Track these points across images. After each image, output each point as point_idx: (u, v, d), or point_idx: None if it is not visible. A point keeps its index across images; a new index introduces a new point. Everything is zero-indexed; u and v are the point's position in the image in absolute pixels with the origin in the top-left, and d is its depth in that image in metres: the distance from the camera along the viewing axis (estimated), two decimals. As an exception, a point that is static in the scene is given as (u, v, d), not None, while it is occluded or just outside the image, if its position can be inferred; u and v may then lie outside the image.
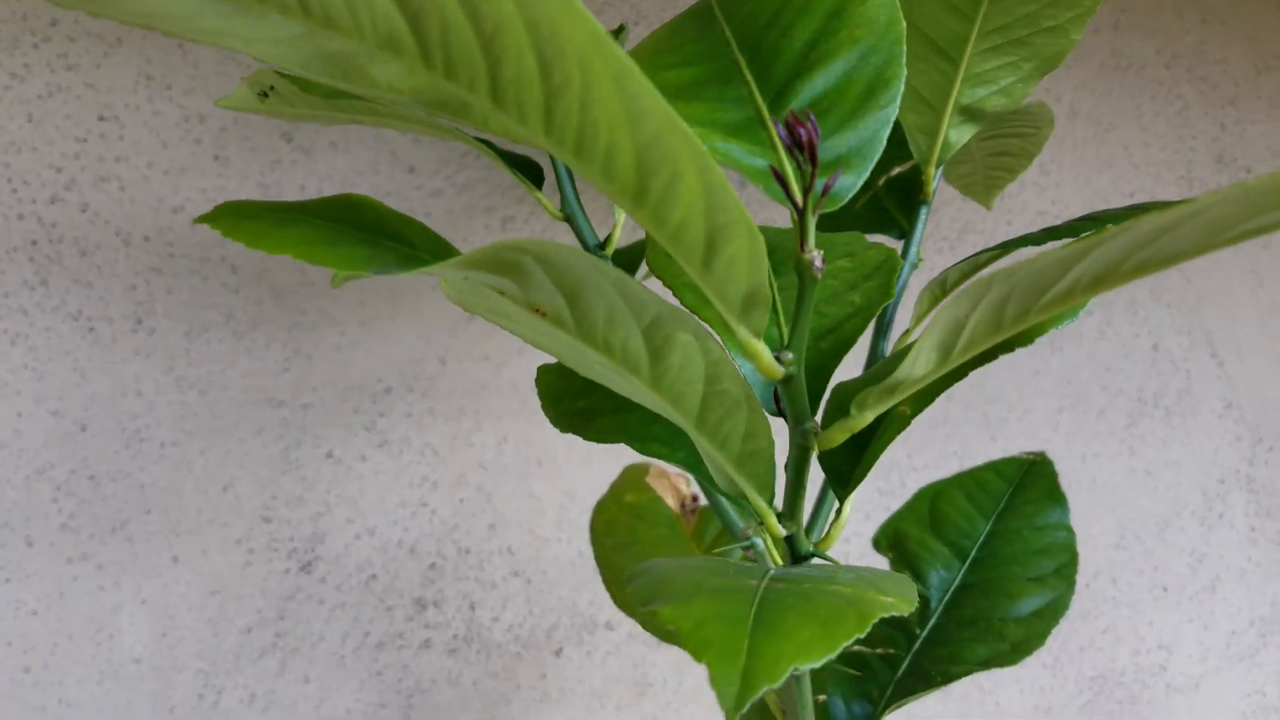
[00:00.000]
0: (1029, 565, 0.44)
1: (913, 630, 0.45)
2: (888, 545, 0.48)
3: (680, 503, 0.52)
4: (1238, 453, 1.01)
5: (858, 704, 0.44)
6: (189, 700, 0.59)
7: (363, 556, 0.64)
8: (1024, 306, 0.20)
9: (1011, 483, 0.48)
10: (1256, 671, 1.01)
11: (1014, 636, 0.42)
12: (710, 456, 0.26)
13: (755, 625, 0.20)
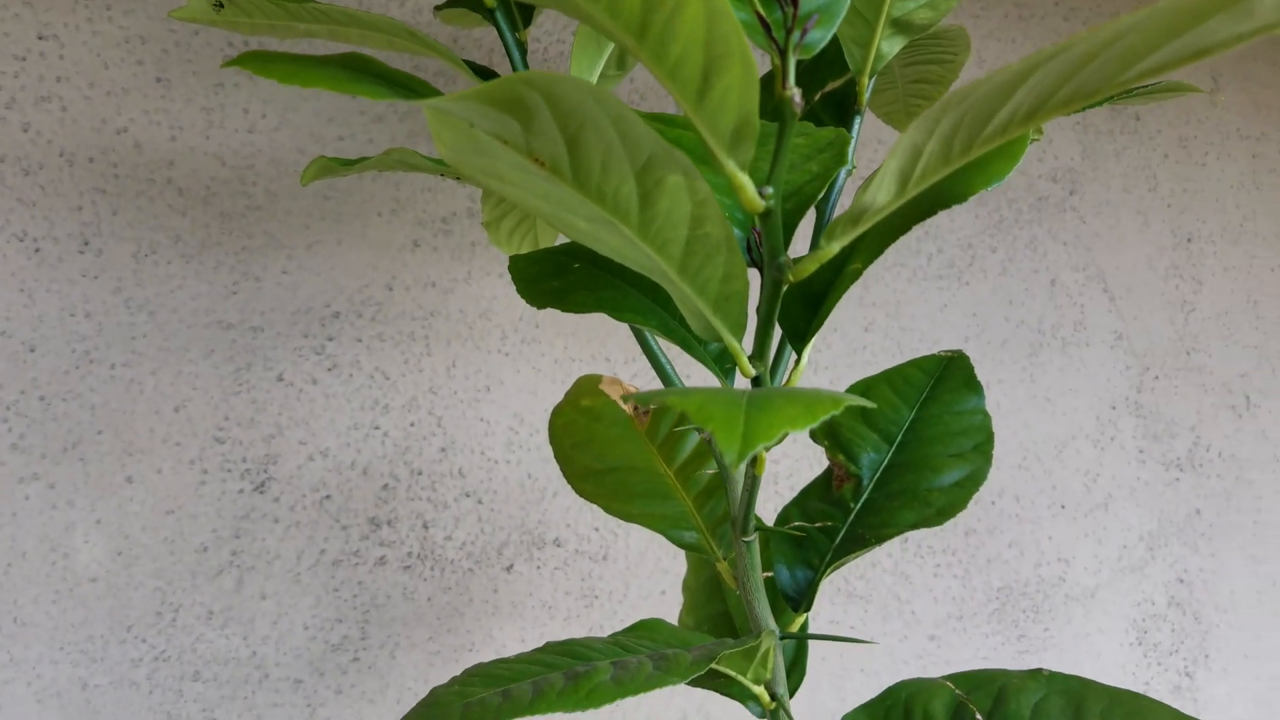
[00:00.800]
0: (950, 444, 0.49)
1: (848, 505, 0.49)
2: (823, 434, 0.52)
3: (633, 407, 0.55)
4: (1127, 381, 1.09)
5: (800, 570, 0.48)
6: (147, 618, 0.60)
7: (316, 477, 0.66)
8: (970, 137, 0.23)
9: (932, 376, 0.53)
10: (1146, 582, 1.09)
11: (939, 503, 0.46)
12: (689, 302, 0.29)
13: (749, 406, 0.23)
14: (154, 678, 0.60)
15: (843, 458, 0.50)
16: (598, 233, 0.28)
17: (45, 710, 0.58)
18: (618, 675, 0.36)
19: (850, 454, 0.50)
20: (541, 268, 0.38)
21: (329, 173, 0.41)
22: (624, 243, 0.28)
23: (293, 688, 0.65)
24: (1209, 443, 1.15)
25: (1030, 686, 0.46)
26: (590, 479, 0.51)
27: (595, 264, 0.38)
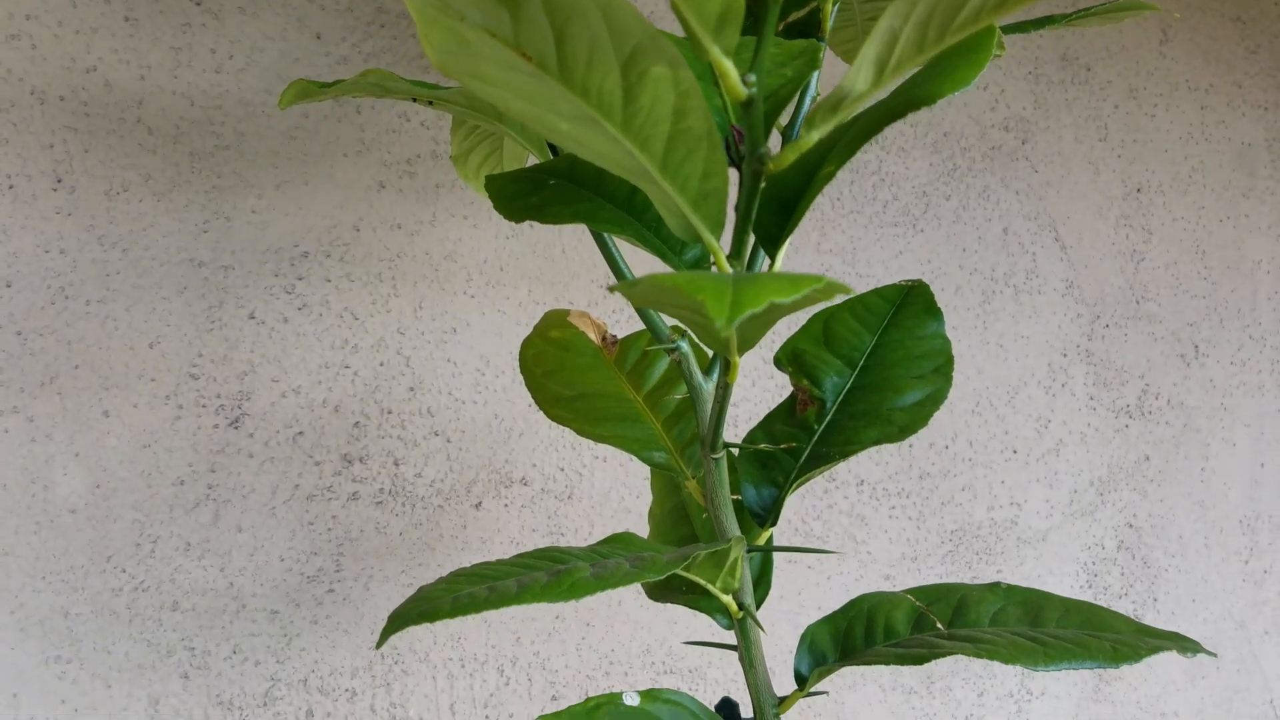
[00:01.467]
0: (911, 367, 0.51)
1: (811, 427, 0.51)
2: (787, 361, 0.54)
3: (601, 337, 0.57)
4: (1078, 328, 1.12)
5: (766, 489, 0.50)
6: (126, 549, 0.61)
7: (289, 414, 0.67)
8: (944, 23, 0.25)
9: (893, 303, 0.55)
10: (1096, 526, 1.14)
11: (900, 421, 0.49)
12: (669, 201, 0.31)
13: (736, 280, 0.25)
14: (134, 607, 0.62)
15: (806, 382, 0.52)
16: (580, 133, 0.30)
17: (28, 638, 0.59)
18: (597, 572, 0.38)
19: (814, 379, 0.52)
20: (519, 186, 0.39)
21: (307, 96, 0.42)
22: (606, 141, 0.30)
23: (269, 618, 0.66)
24: (1158, 390, 1.20)
25: (989, 598, 0.48)
26: (561, 404, 0.52)
27: (571, 179, 0.39)
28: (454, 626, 0.73)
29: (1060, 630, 0.45)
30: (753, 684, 0.48)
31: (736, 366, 0.38)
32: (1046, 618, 0.46)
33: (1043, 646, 0.43)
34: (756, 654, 0.48)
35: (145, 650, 0.62)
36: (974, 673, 1.02)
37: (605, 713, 0.43)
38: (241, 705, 0.65)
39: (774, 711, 0.47)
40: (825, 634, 0.48)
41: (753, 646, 0.47)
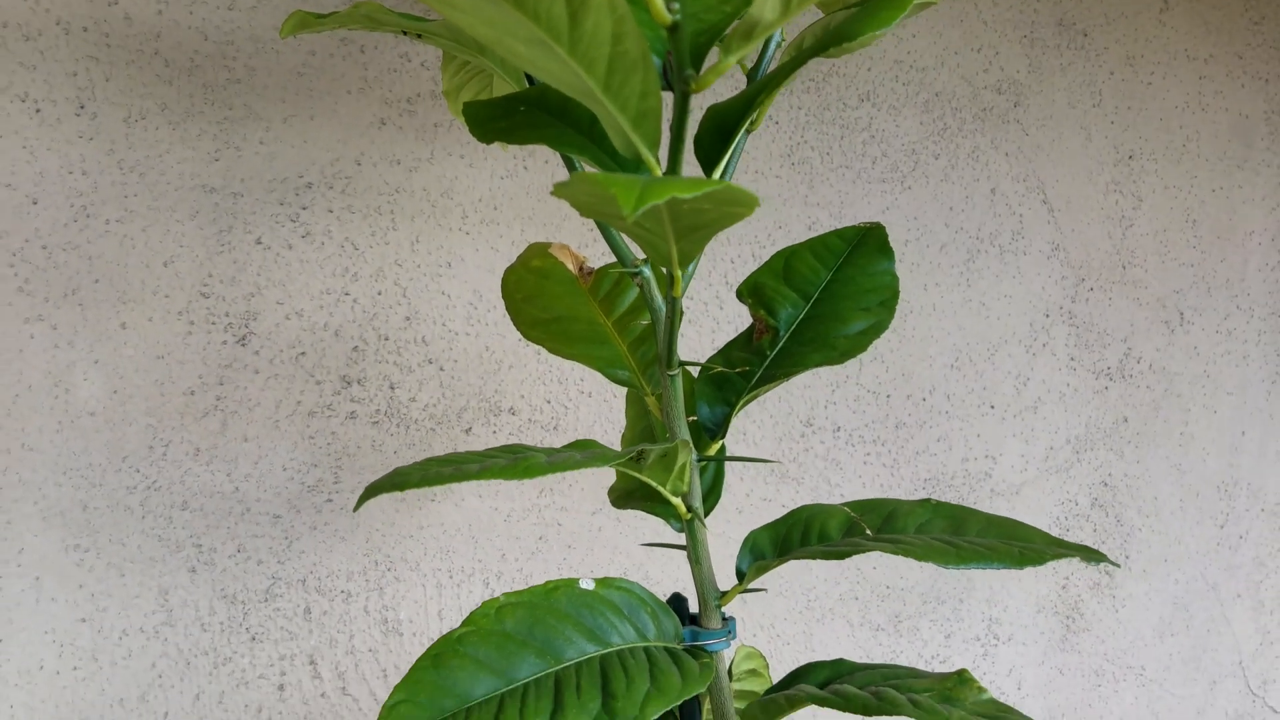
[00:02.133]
0: (859, 300, 0.55)
1: (765, 353, 0.55)
2: (748, 293, 0.58)
3: (578, 267, 0.61)
4: (1062, 290, 1.16)
5: (719, 408, 0.54)
6: (140, 450, 0.67)
7: (292, 335, 0.72)
8: None
9: (850, 243, 0.59)
10: (1070, 483, 1.18)
11: (843, 347, 0.53)
12: (612, 120, 0.35)
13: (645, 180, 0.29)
14: (146, 504, 0.67)
15: (763, 313, 0.57)
16: (534, 55, 0.34)
17: (50, 527, 0.64)
18: (551, 460, 0.43)
19: (770, 310, 0.57)
20: (491, 110, 0.44)
21: (305, 26, 0.46)
22: (557, 64, 0.34)
23: (272, 522, 0.71)
24: (1140, 355, 1.23)
25: (918, 511, 0.53)
26: (537, 326, 0.57)
27: (540, 107, 0.43)
28: (444, 541, 0.79)
29: (977, 539, 0.49)
30: (698, 578, 0.52)
31: (679, 280, 0.43)
32: (968, 528, 0.50)
33: (956, 549, 0.47)
34: (703, 552, 0.52)
35: (156, 544, 0.68)
36: (942, 615, 1.07)
37: (562, 594, 0.48)
38: (244, 600, 0.71)
39: (716, 603, 0.52)
40: (766, 537, 0.53)
41: (699, 545, 0.52)
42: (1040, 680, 1.15)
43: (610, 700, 0.44)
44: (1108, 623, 1.20)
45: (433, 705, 0.43)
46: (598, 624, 0.48)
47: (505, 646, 0.45)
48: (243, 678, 0.71)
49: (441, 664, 0.44)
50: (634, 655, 0.47)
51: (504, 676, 0.45)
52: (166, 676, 0.68)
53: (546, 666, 0.45)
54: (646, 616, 0.50)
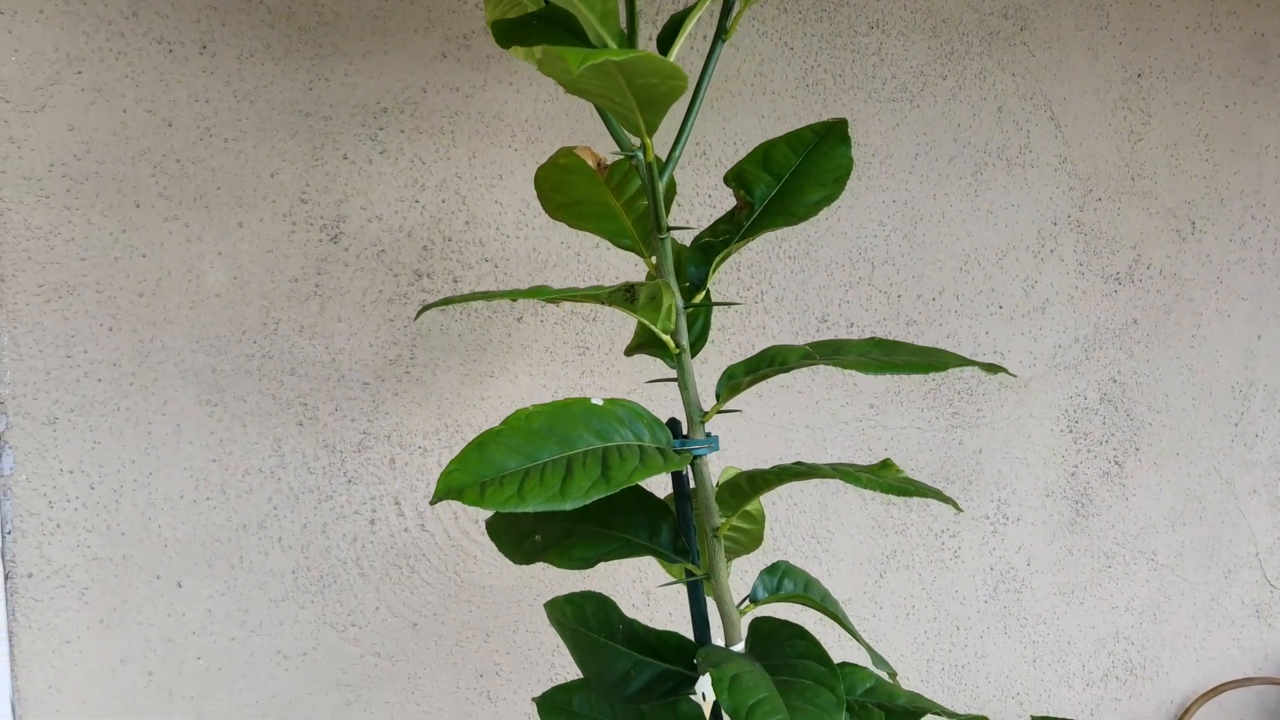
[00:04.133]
0: (820, 178, 0.68)
1: (742, 223, 0.69)
2: (733, 179, 0.71)
3: (597, 164, 0.75)
4: (1070, 200, 1.25)
5: (703, 268, 0.68)
6: (255, 326, 0.83)
7: (374, 235, 0.87)
8: None
9: (819, 135, 0.71)
10: (1079, 379, 1.27)
11: (801, 214, 0.66)
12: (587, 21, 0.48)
13: (592, 50, 0.42)
14: (262, 369, 0.84)
15: (743, 192, 0.70)
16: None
17: (187, 385, 0.82)
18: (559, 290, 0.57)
19: (749, 190, 0.70)
20: (511, 24, 0.58)
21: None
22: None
23: (362, 388, 0.88)
24: (1150, 261, 1.31)
25: (862, 344, 0.66)
26: (560, 208, 0.71)
27: (546, 20, 0.57)
28: (502, 410, 0.94)
29: (900, 358, 0.62)
30: (686, 401, 0.66)
31: (650, 146, 0.56)
32: (898, 353, 0.63)
33: (879, 364, 0.60)
34: (690, 380, 0.66)
35: (270, 402, 0.85)
36: (951, 494, 1.18)
37: (578, 406, 0.63)
38: (341, 450, 0.87)
39: (699, 419, 0.66)
40: (740, 368, 0.66)
41: (687, 374, 0.66)
42: (1049, 559, 1.26)
43: (607, 470, 0.59)
44: (1118, 509, 1.30)
45: (476, 473, 0.58)
46: (604, 427, 0.62)
47: (532, 438, 0.60)
48: (341, 513, 0.88)
49: (484, 448, 0.59)
50: (630, 448, 0.62)
51: (530, 457, 0.59)
52: (280, 509, 0.86)
53: (562, 452, 0.60)
54: (643, 426, 0.64)
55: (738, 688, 0.57)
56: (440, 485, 0.57)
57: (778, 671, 0.60)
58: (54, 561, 0.78)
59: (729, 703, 0.57)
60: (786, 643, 0.62)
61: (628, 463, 0.60)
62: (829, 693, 0.57)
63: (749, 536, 0.80)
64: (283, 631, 0.86)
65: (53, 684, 0.78)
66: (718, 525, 0.67)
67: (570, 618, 0.75)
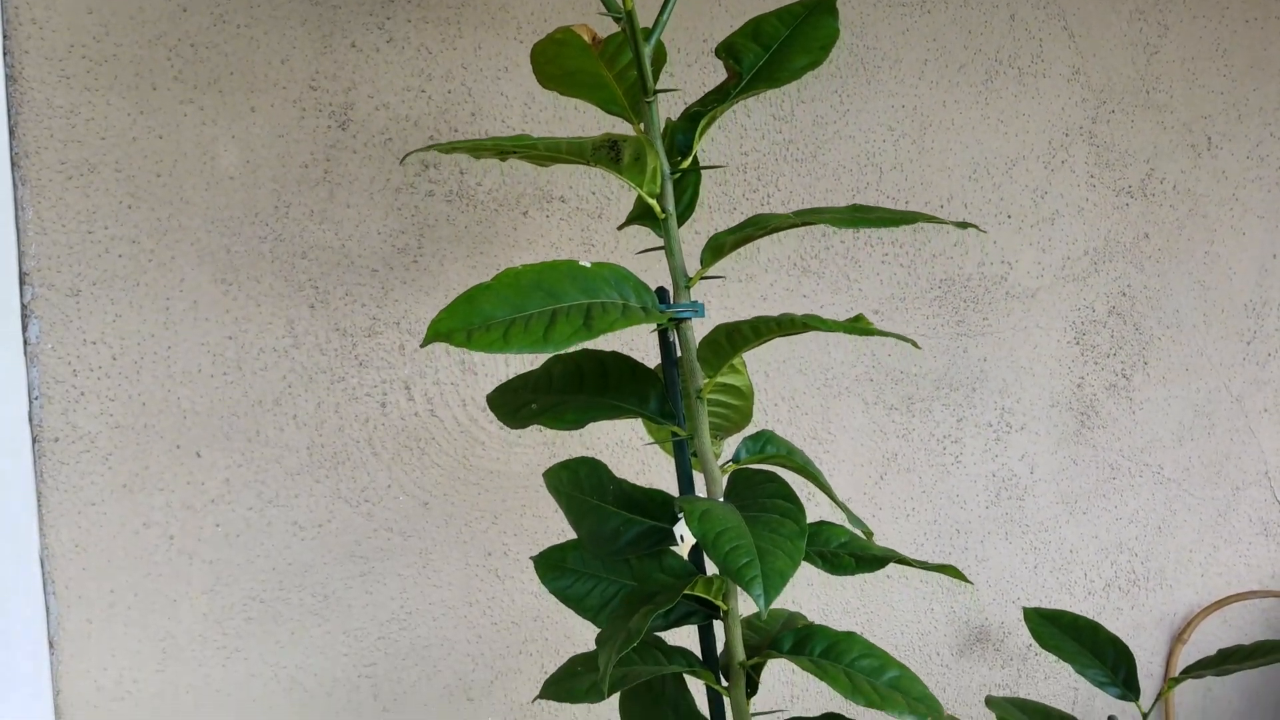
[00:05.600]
0: (805, 46, 0.69)
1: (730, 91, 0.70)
2: (724, 51, 0.73)
3: (591, 38, 0.77)
4: (1083, 112, 1.24)
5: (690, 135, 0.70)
6: (267, 208, 0.87)
7: (381, 124, 0.90)
8: None
9: (809, 9, 0.73)
10: (1088, 291, 1.28)
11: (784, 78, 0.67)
12: None
13: None
14: (275, 251, 0.87)
15: (732, 63, 0.72)
16: None
17: (203, 264, 0.85)
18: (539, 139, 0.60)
19: (738, 60, 0.71)
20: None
21: None
22: None
23: (371, 274, 0.91)
24: (1163, 175, 1.31)
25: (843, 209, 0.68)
26: (553, 79, 0.73)
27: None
28: (507, 301, 0.97)
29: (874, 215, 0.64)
30: (672, 267, 0.69)
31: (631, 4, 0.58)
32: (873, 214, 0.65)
33: (852, 219, 0.62)
34: (676, 246, 0.69)
35: (284, 284, 0.88)
36: (955, 401, 1.20)
37: (566, 266, 0.65)
38: (352, 334, 0.91)
39: (685, 284, 0.68)
40: (726, 234, 0.68)
41: (673, 239, 0.68)
42: (1053, 467, 1.27)
43: (590, 320, 0.61)
44: (1124, 422, 1.31)
45: (465, 320, 0.61)
46: (590, 286, 0.65)
47: (520, 291, 0.63)
48: (353, 394, 0.92)
49: (473, 299, 0.62)
50: (614, 305, 0.64)
51: (517, 308, 0.62)
52: (294, 387, 0.89)
53: (548, 305, 0.63)
54: (629, 288, 0.66)
55: (708, 519, 0.60)
56: (430, 331, 0.60)
57: (748, 509, 0.62)
58: (79, 427, 0.83)
59: (698, 529, 0.59)
60: (759, 486, 0.65)
61: (610, 314, 0.62)
62: (792, 523, 0.60)
63: (737, 413, 0.82)
64: (298, 504, 0.90)
65: (79, 543, 0.83)
66: (701, 387, 0.70)
67: (566, 482, 0.78)
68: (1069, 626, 1.01)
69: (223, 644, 0.89)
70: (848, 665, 0.69)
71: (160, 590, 0.86)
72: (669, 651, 0.75)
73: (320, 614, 0.92)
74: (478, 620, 0.99)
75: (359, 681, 0.94)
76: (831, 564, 0.70)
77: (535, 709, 1.02)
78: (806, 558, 0.72)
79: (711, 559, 0.60)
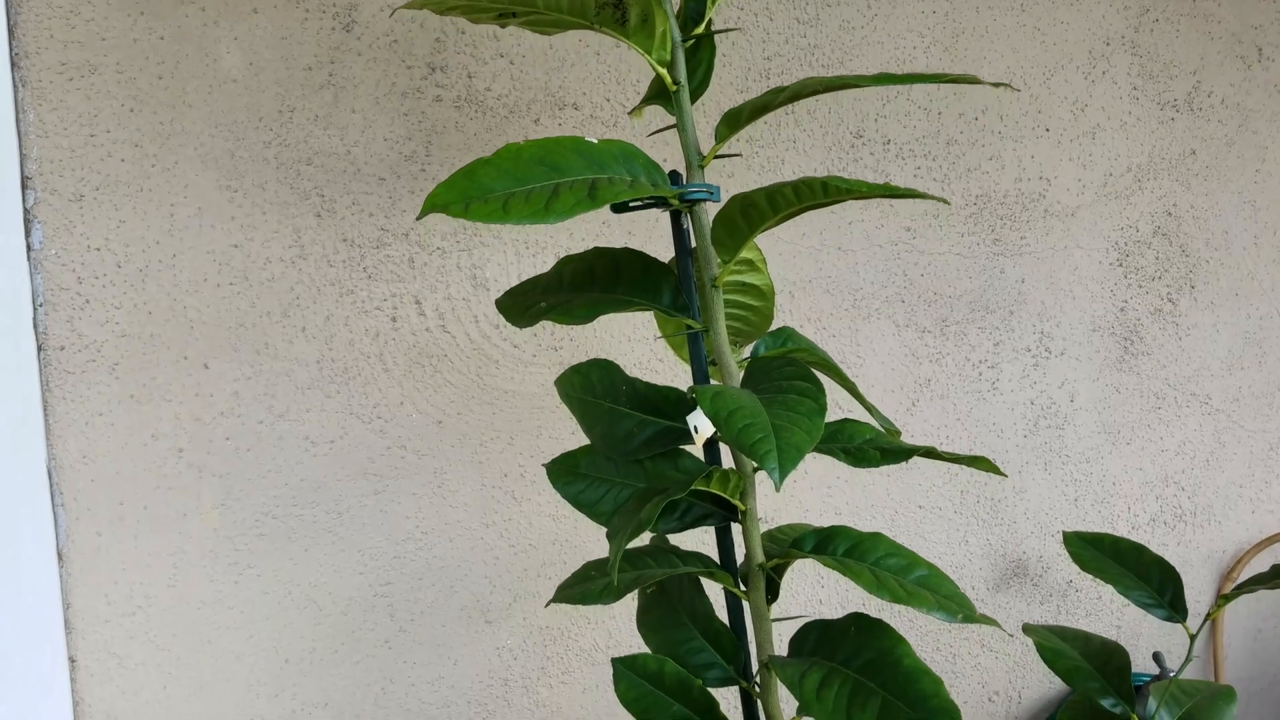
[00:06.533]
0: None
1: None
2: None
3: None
4: (1125, 20, 1.18)
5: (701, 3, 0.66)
6: (271, 113, 0.84)
7: (385, 25, 0.87)
8: None
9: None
10: (1131, 210, 1.22)
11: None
12: None
13: None
14: (279, 157, 0.85)
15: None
16: None
17: (206, 169, 0.83)
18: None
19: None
20: None
21: None
22: None
23: (378, 183, 0.88)
24: (1211, 89, 1.24)
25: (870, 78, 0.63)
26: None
27: None
28: (520, 214, 0.94)
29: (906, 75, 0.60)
30: (684, 143, 0.65)
31: None
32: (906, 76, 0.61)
33: (877, 79, 0.58)
34: (688, 122, 0.65)
35: (289, 192, 0.86)
36: (991, 324, 1.15)
37: (572, 140, 0.62)
38: (360, 245, 0.89)
39: (698, 163, 0.65)
40: (743, 106, 0.64)
41: (685, 115, 0.65)
42: (1094, 396, 1.22)
43: (595, 191, 0.58)
44: (1169, 349, 1.26)
45: (463, 194, 0.58)
46: (598, 161, 0.61)
47: (522, 165, 0.60)
48: (362, 308, 0.89)
49: (473, 173, 0.59)
50: (620, 180, 0.61)
51: (519, 181, 0.59)
52: (302, 299, 0.87)
53: (551, 179, 0.59)
54: (639, 166, 0.63)
55: (721, 398, 0.57)
56: (426, 203, 0.57)
57: (766, 393, 0.59)
58: (84, 336, 0.81)
59: (710, 408, 0.56)
60: (776, 370, 0.61)
61: (616, 187, 0.59)
62: (811, 401, 0.56)
63: (758, 315, 0.78)
64: (310, 419, 0.88)
65: (86, 454, 0.82)
66: (716, 274, 0.66)
67: (578, 388, 0.75)
68: (1111, 549, 0.96)
69: (235, 560, 0.87)
70: (873, 564, 0.66)
71: (170, 504, 0.85)
72: (685, 556, 0.72)
73: (334, 531, 0.90)
74: (495, 542, 0.97)
75: (375, 601, 0.92)
76: (855, 457, 0.67)
77: (554, 631, 1.00)
78: (829, 453, 0.69)
79: (725, 439, 0.57)
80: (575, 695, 1.01)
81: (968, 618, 0.62)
